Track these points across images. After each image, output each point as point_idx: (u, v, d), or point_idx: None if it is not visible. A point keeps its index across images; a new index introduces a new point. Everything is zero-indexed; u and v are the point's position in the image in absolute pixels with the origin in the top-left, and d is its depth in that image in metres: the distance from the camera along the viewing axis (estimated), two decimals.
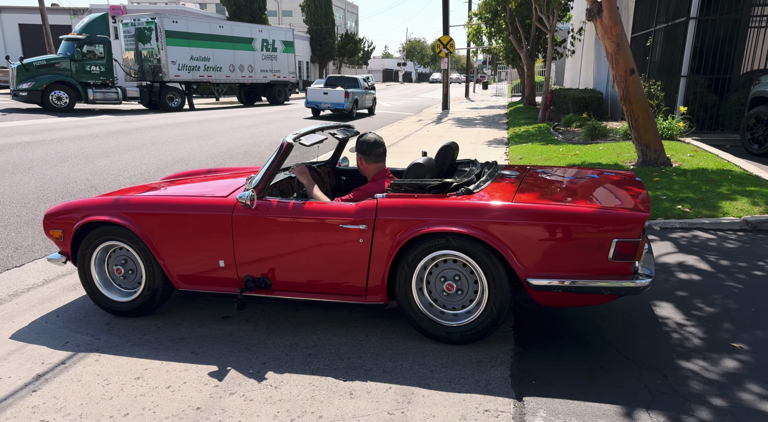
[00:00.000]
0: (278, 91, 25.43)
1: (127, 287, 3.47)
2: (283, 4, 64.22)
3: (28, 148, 9.98)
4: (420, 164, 3.17)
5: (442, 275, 2.95)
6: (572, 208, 2.73)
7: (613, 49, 6.87)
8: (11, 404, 2.52)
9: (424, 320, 2.96)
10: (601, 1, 6.68)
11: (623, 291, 2.65)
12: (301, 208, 3.03)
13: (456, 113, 21.23)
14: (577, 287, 2.68)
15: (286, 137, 3.25)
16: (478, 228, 2.74)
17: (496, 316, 2.85)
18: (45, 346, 3.07)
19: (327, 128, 3.70)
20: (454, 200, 2.87)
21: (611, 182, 3.35)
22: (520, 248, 2.72)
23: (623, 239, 2.60)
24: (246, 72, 23.85)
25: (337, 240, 2.96)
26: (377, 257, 2.92)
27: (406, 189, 3.04)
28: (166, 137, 12.29)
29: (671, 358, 2.78)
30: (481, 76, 60.60)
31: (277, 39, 25.26)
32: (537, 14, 15.38)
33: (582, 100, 14.51)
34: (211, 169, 4.52)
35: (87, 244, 3.37)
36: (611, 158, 8.17)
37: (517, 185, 3.18)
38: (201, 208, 3.17)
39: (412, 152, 10.42)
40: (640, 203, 2.84)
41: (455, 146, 3.68)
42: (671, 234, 4.89)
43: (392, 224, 2.87)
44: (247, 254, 3.12)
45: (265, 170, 3.18)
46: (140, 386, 2.66)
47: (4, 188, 6.78)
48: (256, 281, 3.15)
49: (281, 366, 2.81)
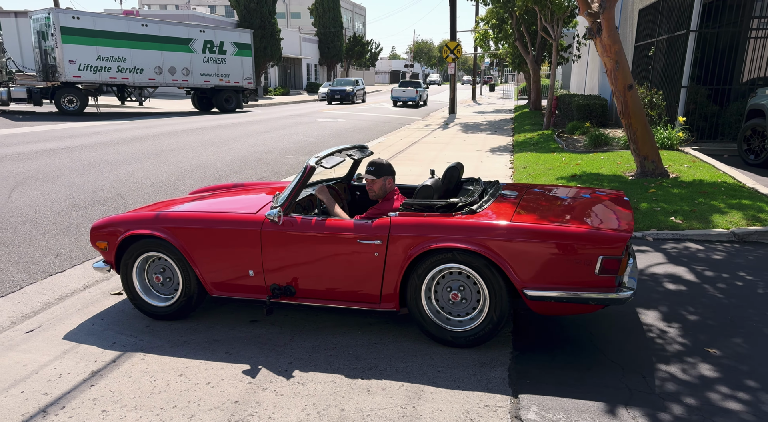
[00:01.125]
0: (226, 97, 23.57)
1: (165, 294, 3.87)
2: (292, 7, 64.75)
3: (54, 155, 10.44)
4: (429, 185, 3.56)
5: (449, 286, 3.30)
6: (564, 228, 3.09)
7: (612, 67, 7.21)
8: (74, 396, 2.92)
9: (432, 325, 3.33)
10: (601, 21, 7.02)
11: (608, 302, 3.01)
12: (323, 224, 3.40)
13: (463, 117, 21.57)
14: (568, 298, 3.04)
15: (309, 160, 3.64)
16: (480, 244, 3.10)
17: (496, 322, 3.21)
18: (95, 346, 3.46)
19: (344, 149, 4.07)
20: (459, 219, 3.24)
21: (601, 202, 3.72)
22: (518, 263, 3.07)
23: (608, 256, 2.95)
24: (180, 75, 22.09)
25: (354, 253, 3.33)
26: (390, 269, 3.29)
27: (417, 208, 3.40)
28: (182, 143, 12.72)
29: (651, 361, 3.14)
30: (489, 78, 60.83)
31: (226, 41, 23.33)
32: (542, 23, 15.68)
33: (586, 107, 14.81)
34: (236, 184, 4.92)
35: (130, 255, 3.78)
36: (611, 169, 8.49)
37: (516, 204, 3.55)
38: (233, 223, 3.56)
39: (419, 159, 10.78)
40: (624, 223, 3.20)
41: (460, 166, 4.07)
42: (663, 245, 5.23)
43: (404, 240, 3.23)
44: (273, 265, 3.51)
45: (290, 190, 3.56)
46: (183, 382, 3.04)
47: (37, 197, 7.22)
48: (282, 290, 3.54)
49: (306, 366, 3.19)
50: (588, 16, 7.07)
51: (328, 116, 22.26)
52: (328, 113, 24.04)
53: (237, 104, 24.18)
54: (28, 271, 4.76)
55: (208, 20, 34.33)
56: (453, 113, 23.38)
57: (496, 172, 9.24)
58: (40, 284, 4.48)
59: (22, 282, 4.53)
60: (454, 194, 4.01)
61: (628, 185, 7.35)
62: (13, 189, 7.61)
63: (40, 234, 5.75)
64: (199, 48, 22.66)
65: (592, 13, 7.03)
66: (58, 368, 3.19)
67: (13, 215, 6.38)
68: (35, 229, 5.90)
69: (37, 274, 4.70)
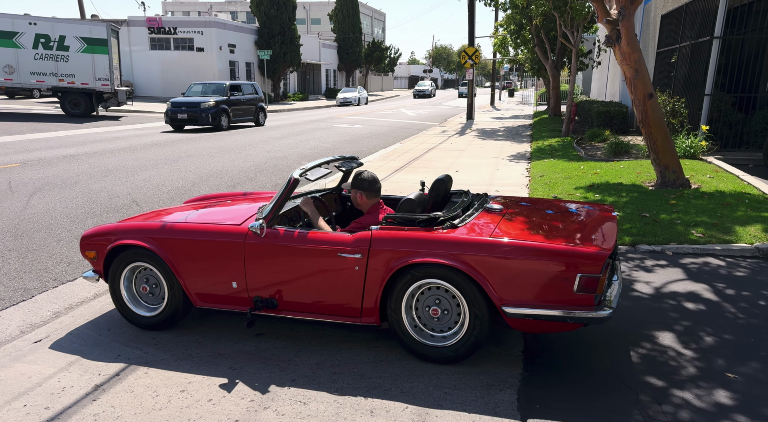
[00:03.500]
0: (72, 100, 20.55)
1: (152, 304, 3.87)
2: (312, 13, 65.28)
3: (73, 161, 10.61)
4: (411, 199, 3.50)
5: (429, 301, 3.26)
6: (541, 244, 3.02)
7: (631, 75, 7.05)
8: (75, 412, 2.90)
9: (411, 340, 3.28)
10: (620, 29, 6.87)
11: (586, 321, 2.94)
12: (305, 237, 3.38)
13: (480, 123, 21.41)
14: (545, 316, 2.97)
15: (293, 172, 3.60)
16: (459, 260, 3.05)
17: (475, 339, 3.15)
18: (100, 358, 3.45)
19: (332, 160, 4.04)
20: (440, 233, 3.19)
21: (587, 219, 3.62)
22: (496, 279, 3.02)
23: (586, 274, 2.88)
24: (1, 73, 19.39)
25: (335, 267, 3.30)
26: (371, 283, 3.25)
27: (399, 222, 3.35)
28: (200, 149, 12.84)
29: (667, 386, 3.01)
30: (507, 83, 60.42)
31: (69, 35, 19.69)
32: (561, 30, 15.49)
33: (606, 114, 14.57)
34: (245, 193, 4.93)
35: (117, 264, 3.79)
36: (631, 178, 8.30)
37: (498, 219, 3.48)
38: (217, 235, 3.56)
39: (435, 166, 10.69)
40: (605, 241, 3.11)
41: (448, 178, 3.98)
42: (682, 260, 5.05)
43: (384, 254, 3.19)
44: (256, 277, 3.49)
45: (274, 202, 3.54)
46: (185, 398, 3.01)
47: (54, 203, 7.33)
48: (265, 302, 3.52)
49: (309, 383, 3.13)
50: (607, 24, 6.93)
51: (345, 121, 22.31)
52: (345, 118, 24.09)
53: (87, 109, 20.63)
54: (40, 279, 4.80)
55: (230, 26, 34.78)
56: (471, 118, 23.24)
57: (511, 180, 9.11)
58: (51, 293, 4.51)
59: (34, 291, 4.57)
60: (441, 207, 3.95)
61: (647, 195, 7.16)
62: (32, 195, 7.74)
63: (55, 241, 5.81)
64: (29, 43, 19.44)
65: (611, 21, 6.89)
66: (62, 381, 3.19)
67: (30, 222, 6.47)
68: (50, 236, 5.97)
69: (49, 282, 4.73)
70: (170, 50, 33.85)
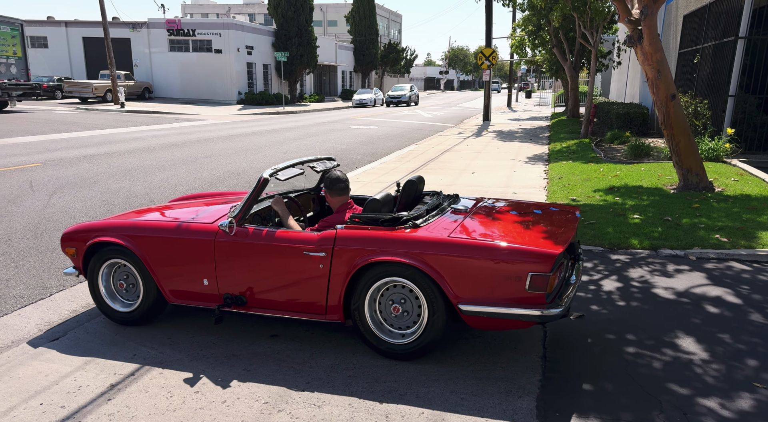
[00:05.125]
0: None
1: (129, 300, 3.94)
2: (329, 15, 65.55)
3: (93, 161, 10.76)
4: (376, 199, 3.54)
5: (391, 299, 3.33)
6: (493, 243, 3.09)
7: (653, 75, 6.91)
8: (91, 411, 2.90)
9: (373, 337, 3.34)
10: (642, 28, 6.73)
11: (536, 319, 3.00)
12: (272, 236, 3.45)
13: (497, 125, 21.25)
14: (498, 313, 3.04)
15: (263, 172, 3.66)
16: (417, 258, 3.12)
17: (433, 336, 3.20)
18: (116, 357, 3.46)
19: (306, 161, 4.06)
20: (400, 232, 3.25)
21: (547, 219, 3.69)
22: (452, 277, 3.08)
23: (537, 272, 2.94)
24: None
25: (301, 265, 3.37)
26: (335, 281, 3.32)
27: (364, 221, 3.40)
28: (217, 150, 12.94)
29: (691, 394, 2.91)
30: (525, 84, 59.93)
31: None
32: (580, 30, 15.30)
33: (626, 116, 14.33)
34: (217, 193, 4.99)
35: (95, 261, 3.88)
36: (652, 181, 8.14)
37: (462, 219, 3.55)
38: (189, 233, 3.64)
39: (450, 168, 10.62)
40: (558, 240, 3.17)
41: (420, 179, 4.03)
42: (706, 265, 4.92)
43: (347, 252, 3.26)
44: (226, 274, 3.57)
45: (244, 202, 3.61)
46: (199, 399, 3.00)
47: (73, 203, 7.42)
48: (234, 299, 3.59)
49: (324, 386, 3.10)
50: (628, 24, 6.80)
51: (360, 123, 22.32)
52: (361, 119, 24.10)
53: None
54: (58, 277, 4.85)
55: (247, 28, 35.05)
56: (487, 120, 23.08)
57: (529, 182, 9.00)
58: (69, 292, 4.55)
59: (53, 289, 4.61)
60: (412, 207, 3.99)
61: (669, 198, 7.01)
62: (52, 194, 7.85)
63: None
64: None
65: (632, 20, 6.76)
66: (78, 379, 3.20)
67: (50, 221, 6.55)
68: None
69: (67, 281, 4.77)
70: (189, 52, 34.21)
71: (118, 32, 33.16)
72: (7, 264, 5.16)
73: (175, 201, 4.93)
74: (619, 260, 5.08)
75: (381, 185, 8.53)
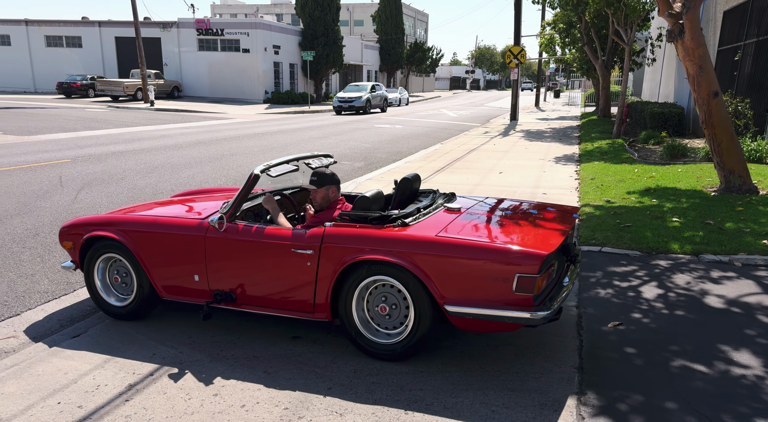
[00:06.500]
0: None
1: (123, 294, 3.93)
2: (355, 14, 65.65)
3: (121, 158, 10.87)
4: (366, 197, 3.49)
5: (379, 298, 3.26)
6: (480, 243, 3.00)
7: (695, 72, 6.57)
8: (108, 412, 2.82)
9: (360, 336, 3.28)
10: (683, 22, 6.41)
11: (523, 322, 2.90)
12: (261, 232, 3.42)
13: (525, 125, 20.85)
14: (484, 315, 2.95)
15: (254, 168, 3.60)
16: (404, 258, 3.05)
17: (420, 336, 3.13)
18: (136, 356, 3.38)
19: (302, 158, 3.99)
20: (388, 231, 3.18)
21: (543, 220, 3.59)
22: (438, 277, 3.01)
23: (524, 274, 2.85)
24: None
25: (289, 262, 3.33)
26: (322, 279, 3.27)
27: (353, 219, 3.35)
28: (243, 148, 12.96)
29: (749, 414, 2.67)
30: (553, 84, 58.92)
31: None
32: (614, 27, 14.86)
33: (661, 116, 13.86)
34: (219, 188, 5.01)
35: (91, 255, 3.87)
36: (690, 183, 7.78)
37: (453, 218, 3.44)
38: (180, 228, 3.63)
39: (477, 167, 10.39)
40: (547, 242, 3.08)
41: (415, 177, 3.94)
42: (754, 272, 4.62)
43: (335, 250, 3.21)
44: (216, 270, 3.54)
45: (235, 198, 3.58)
46: (218, 403, 2.89)
47: (101, 198, 7.46)
48: (224, 295, 3.56)
49: (346, 393, 2.95)
50: (669, 17, 6.48)
51: (385, 122, 22.18)
52: (385, 118, 23.96)
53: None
54: (82, 273, 4.82)
55: (275, 28, 35.28)
56: (515, 119, 22.68)
57: (559, 183, 8.71)
58: None
59: (76, 284, 4.59)
60: (407, 205, 3.88)
61: (710, 201, 6.66)
62: (80, 190, 7.91)
63: None
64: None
65: (673, 14, 6.44)
66: (96, 378, 3.13)
67: (77, 216, 6.57)
68: None
69: None
70: (217, 51, 34.58)
71: (149, 32, 33.71)
72: (33, 259, 5.17)
73: (177, 196, 4.94)
74: (659, 265, 4.81)
75: None
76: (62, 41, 37.21)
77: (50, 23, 37.13)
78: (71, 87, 31.06)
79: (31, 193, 7.66)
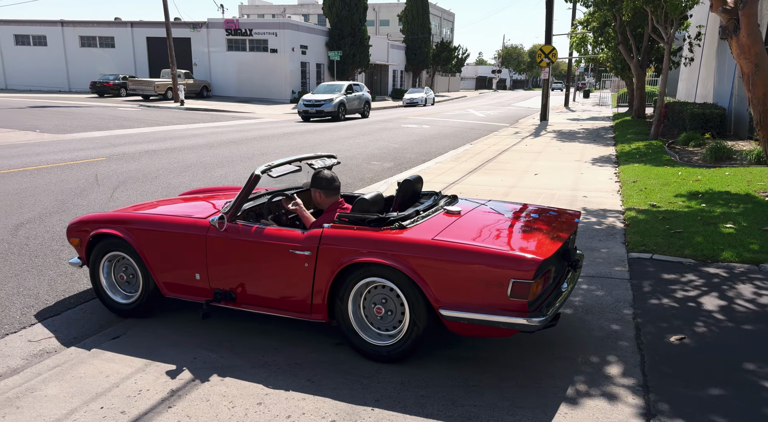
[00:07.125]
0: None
1: (129, 292, 3.95)
2: (381, 14, 65.59)
3: (154, 156, 10.96)
4: (365, 199, 3.44)
5: (375, 299, 3.24)
6: (476, 247, 2.96)
7: (750, 70, 6.25)
8: (152, 419, 2.74)
9: (356, 338, 3.27)
10: (739, 18, 6.10)
11: (517, 328, 2.87)
12: (261, 233, 3.42)
13: (555, 125, 20.43)
14: (479, 320, 2.91)
15: (256, 169, 3.60)
16: (399, 260, 3.02)
17: (413, 341, 3.11)
18: (176, 359, 3.30)
19: (305, 158, 3.98)
20: (385, 233, 3.16)
21: (543, 224, 3.55)
22: (433, 281, 2.97)
23: (519, 279, 2.80)
24: None
25: (287, 263, 3.33)
26: (319, 281, 3.26)
27: (351, 221, 3.30)
28: (273, 148, 12.96)
29: None
30: (583, 83, 57.85)
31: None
32: (653, 25, 14.40)
33: (701, 117, 13.37)
34: (227, 187, 5.03)
35: (97, 253, 3.90)
36: (741, 187, 7.42)
37: (452, 221, 3.38)
38: (182, 227, 3.65)
39: (511, 169, 10.15)
40: (544, 247, 3.02)
41: (418, 179, 3.90)
42: None
43: (332, 252, 3.20)
44: (217, 269, 3.56)
45: (236, 198, 3.58)
46: (262, 412, 2.78)
47: (136, 197, 7.49)
48: (224, 294, 3.56)
49: (394, 405, 2.82)
50: (723, 13, 6.17)
51: (412, 122, 22.02)
52: (412, 119, 23.79)
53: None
54: None
55: (302, 28, 35.45)
56: (545, 119, 22.27)
57: (599, 186, 8.43)
58: None
59: None
60: (408, 207, 3.81)
61: (764, 207, 6.33)
62: (116, 188, 7.97)
63: None
64: None
65: (728, 9, 6.13)
66: (138, 382, 3.06)
67: None
68: None
69: None
70: (245, 51, 34.91)
71: (179, 32, 34.21)
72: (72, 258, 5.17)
73: (184, 194, 4.97)
74: (716, 274, 4.55)
75: (437, 186, 8.20)
76: (96, 41, 38.05)
77: (84, 24, 38.00)
78: (104, 86, 31.72)
79: (69, 191, 7.74)
